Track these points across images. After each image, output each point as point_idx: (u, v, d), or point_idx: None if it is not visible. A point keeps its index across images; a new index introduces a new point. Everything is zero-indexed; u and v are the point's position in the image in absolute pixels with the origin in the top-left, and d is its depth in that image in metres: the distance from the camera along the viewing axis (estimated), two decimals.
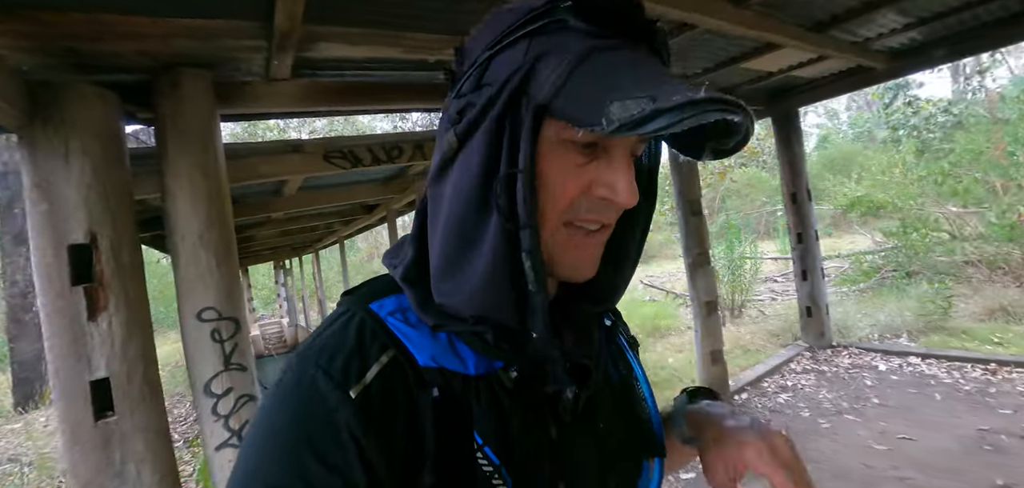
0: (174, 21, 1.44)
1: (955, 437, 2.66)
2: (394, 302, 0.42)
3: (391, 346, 0.39)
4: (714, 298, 3.39)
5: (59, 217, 1.39)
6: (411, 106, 2.31)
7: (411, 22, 1.72)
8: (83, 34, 1.39)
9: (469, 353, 0.41)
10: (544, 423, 0.41)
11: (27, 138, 1.38)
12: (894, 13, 2.73)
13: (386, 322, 0.40)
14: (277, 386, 0.38)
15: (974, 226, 4.81)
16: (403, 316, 0.41)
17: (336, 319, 0.41)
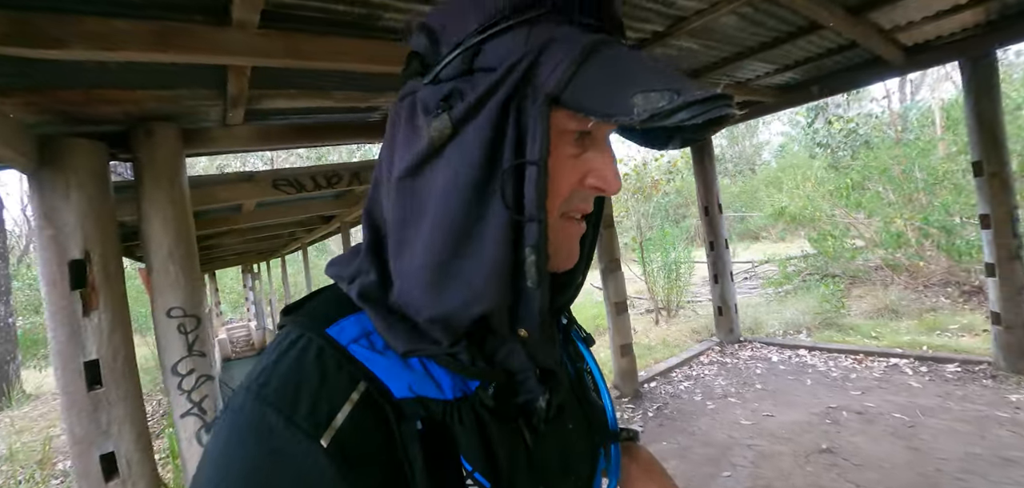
0: (148, 92, 1.97)
1: (807, 413, 3.35)
2: (355, 325, 0.39)
3: (361, 378, 0.35)
4: (623, 299, 4.03)
5: (61, 239, 1.91)
6: (347, 142, 2.86)
7: (336, 85, 2.29)
8: (78, 102, 1.91)
9: (443, 375, 0.39)
10: (520, 434, 0.41)
11: (36, 179, 1.90)
12: (758, 62, 3.43)
13: (350, 351, 0.37)
14: (225, 433, 0.33)
15: (874, 234, 5.63)
16: (368, 342, 0.38)
17: (289, 347, 0.37)
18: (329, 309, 0.40)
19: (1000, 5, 3.02)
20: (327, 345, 0.36)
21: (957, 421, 2.94)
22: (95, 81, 1.83)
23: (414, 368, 0.38)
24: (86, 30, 1.32)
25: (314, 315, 0.39)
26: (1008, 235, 3.36)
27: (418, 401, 0.37)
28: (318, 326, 0.38)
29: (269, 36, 1.55)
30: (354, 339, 0.38)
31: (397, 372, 0.37)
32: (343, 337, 0.38)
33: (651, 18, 2.28)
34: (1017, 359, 3.38)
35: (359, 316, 0.39)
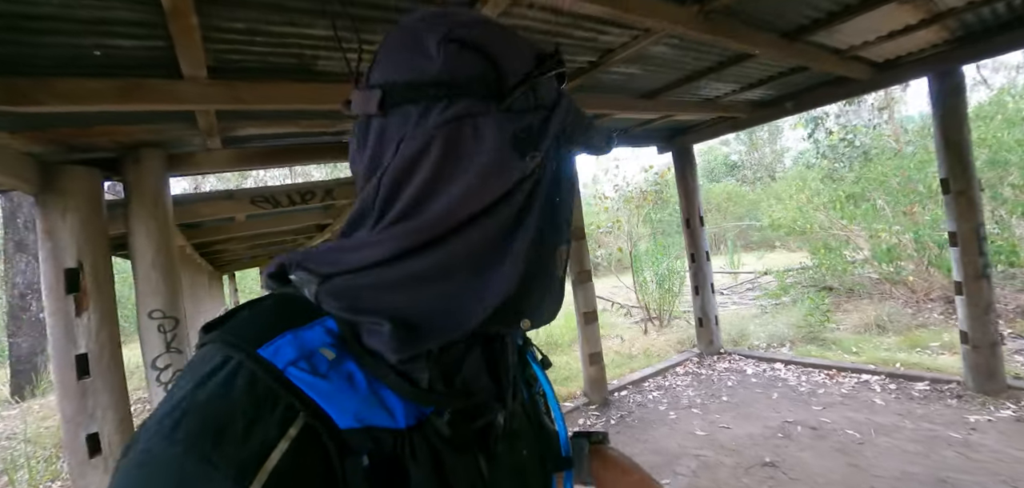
0: (136, 126, 2.33)
1: (762, 426, 3.46)
2: (292, 346, 0.34)
3: (300, 409, 0.31)
4: (592, 309, 4.22)
5: (59, 251, 2.28)
6: (322, 162, 3.19)
7: (297, 116, 2.60)
8: (76, 135, 2.29)
9: (396, 401, 0.36)
10: (476, 460, 0.40)
11: (40, 201, 2.28)
12: (717, 82, 3.57)
13: (287, 375, 0.32)
14: (131, 474, 0.28)
15: (868, 247, 5.58)
16: (309, 364, 0.33)
17: (211, 373, 0.31)
18: (261, 324, 0.35)
19: (958, 23, 3.08)
20: (260, 370, 0.32)
21: (908, 440, 3.01)
22: (90, 120, 2.19)
23: (363, 393, 0.35)
24: (59, 90, 1.66)
25: (241, 332, 0.34)
26: (974, 253, 3.38)
27: (366, 432, 0.33)
28: (247, 346, 0.33)
29: (215, 85, 1.87)
30: (292, 361, 0.33)
31: (343, 399, 0.33)
32: (279, 359, 0.33)
33: (583, 51, 2.49)
34: (984, 379, 3.39)
35: (297, 334, 0.35)
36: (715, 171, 18.05)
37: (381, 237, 0.37)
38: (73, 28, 1.53)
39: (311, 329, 0.36)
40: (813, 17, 2.57)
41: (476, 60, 0.38)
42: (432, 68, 0.37)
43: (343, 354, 0.36)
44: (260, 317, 0.37)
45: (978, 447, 2.82)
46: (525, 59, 0.40)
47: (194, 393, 0.31)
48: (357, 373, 0.35)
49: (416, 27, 0.40)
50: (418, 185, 0.37)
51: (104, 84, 1.75)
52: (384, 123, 0.39)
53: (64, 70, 1.68)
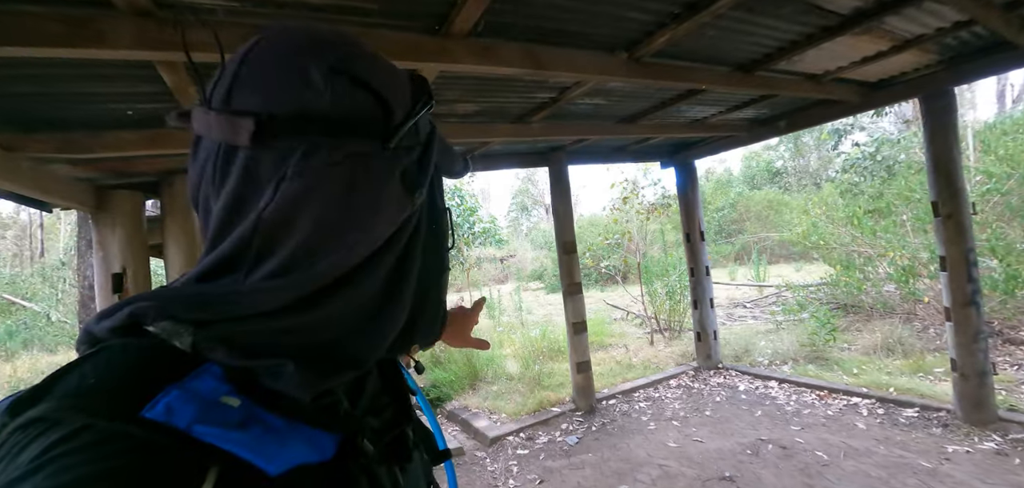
0: (169, 158, 2.90)
1: (735, 442, 3.61)
2: (184, 400, 0.30)
3: (213, 463, 0.28)
4: (581, 320, 4.48)
5: (108, 259, 2.89)
6: None
7: None
8: (123, 165, 2.89)
9: (317, 434, 0.35)
10: (394, 472, 0.43)
11: (95, 218, 2.90)
12: (697, 105, 3.75)
13: (194, 434, 0.29)
14: None
15: (886, 266, 5.44)
16: (216, 418, 0.30)
17: (62, 442, 0.25)
18: (127, 382, 0.29)
19: (938, 47, 3.12)
20: (152, 436, 0.27)
21: (874, 466, 3.08)
22: (136, 157, 2.78)
23: (281, 433, 0.33)
24: (105, 141, 2.21)
25: (96, 395, 0.28)
26: (963, 279, 3.37)
27: (300, 472, 0.32)
28: (119, 411, 0.27)
29: None
30: (196, 419, 0.29)
31: (265, 446, 0.31)
32: (177, 418, 0.28)
33: (540, 91, 2.81)
34: (971, 409, 3.37)
35: (185, 386, 0.30)
36: (757, 178, 17.43)
37: (269, 286, 0.34)
38: (113, 97, 2.06)
39: (198, 378, 0.31)
40: (764, 51, 2.74)
41: (365, 97, 0.37)
42: (320, 103, 0.35)
43: (246, 400, 0.33)
44: (118, 373, 0.30)
45: (944, 478, 2.87)
46: (405, 93, 0.40)
47: (47, 476, 0.24)
48: (268, 417, 0.33)
49: (294, 50, 0.37)
50: (307, 231, 0.34)
51: (138, 135, 2.29)
52: (254, 157, 0.34)
53: (108, 126, 2.23)
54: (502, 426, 4.20)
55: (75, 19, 1.41)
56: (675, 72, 2.60)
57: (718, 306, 8.82)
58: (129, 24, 1.46)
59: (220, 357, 0.33)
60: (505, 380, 5.30)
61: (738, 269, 11.41)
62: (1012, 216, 4.81)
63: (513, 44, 2.00)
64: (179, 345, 0.33)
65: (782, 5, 2.16)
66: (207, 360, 0.33)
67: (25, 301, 9.01)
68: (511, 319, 8.34)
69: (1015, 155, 4.78)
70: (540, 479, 3.36)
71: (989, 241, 4.52)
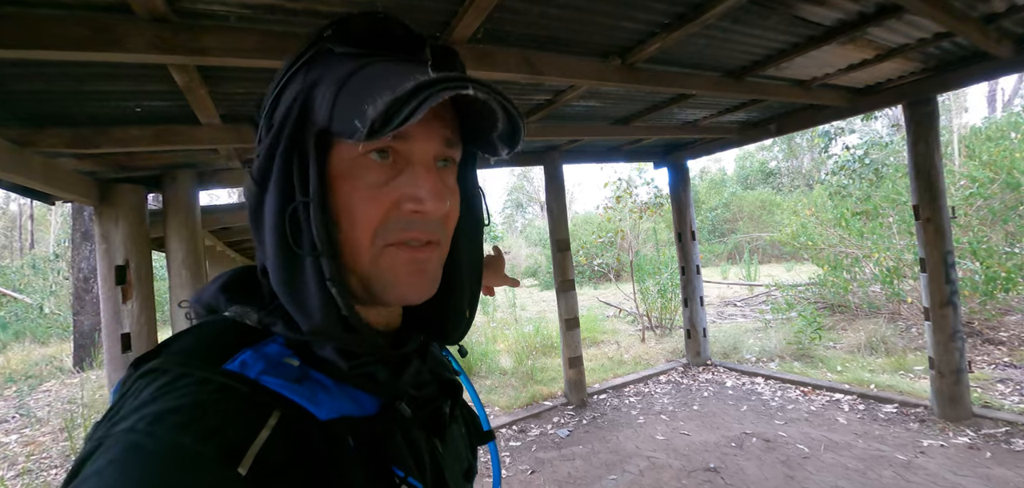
0: (172, 153, 2.98)
1: (721, 436, 3.75)
2: (257, 358, 0.38)
3: (276, 406, 0.35)
4: (574, 316, 4.61)
5: (111, 251, 2.97)
6: None
7: None
8: (127, 160, 2.96)
9: (361, 395, 0.42)
10: (431, 441, 0.46)
11: (98, 212, 2.98)
12: (688, 109, 3.87)
13: (261, 382, 0.36)
14: (107, 471, 0.28)
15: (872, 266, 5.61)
16: (280, 372, 0.38)
17: (170, 385, 0.34)
18: (215, 346, 0.38)
19: (922, 56, 3.25)
20: (230, 380, 0.35)
21: (852, 458, 3.24)
22: (139, 152, 2.86)
23: (331, 389, 0.40)
24: (114, 136, 2.29)
25: (193, 355, 0.37)
26: (941, 281, 3.52)
27: (344, 422, 0.38)
28: (206, 366, 0.35)
29: (226, 129, 2.46)
30: (263, 371, 0.37)
31: (318, 396, 0.38)
32: (249, 371, 0.37)
33: (536, 94, 2.92)
34: (947, 405, 3.53)
35: (258, 349, 0.39)
36: (751, 178, 17.68)
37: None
38: (121, 94, 2.14)
39: (268, 345, 0.40)
40: (753, 58, 2.86)
41: None
42: None
43: (303, 363, 0.40)
44: (209, 340, 0.39)
45: (918, 470, 3.02)
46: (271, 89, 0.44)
47: (156, 401, 0.32)
48: (321, 376, 0.40)
49: None
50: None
51: (144, 131, 2.37)
52: None
53: (115, 122, 2.31)
54: (495, 419, 4.32)
55: (98, 23, 1.49)
56: (667, 78, 2.72)
57: (709, 304, 9.02)
58: (147, 29, 1.55)
59: (279, 329, 0.41)
60: (499, 374, 5.42)
61: (730, 268, 11.60)
62: (994, 220, 4.99)
63: (510, 50, 2.10)
64: (249, 322, 0.42)
65: (767, 16, 2.28)
66: (273, 333, 0.41)
67: (16, 293, 9.02)
68: (505, 315, 8.46)
69: (998, 160, 4.94)
70: (531, 470, 3.48)
71: (970, 244, 4.69)
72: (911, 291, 5.24)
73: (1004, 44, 3.04)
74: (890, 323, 5.52)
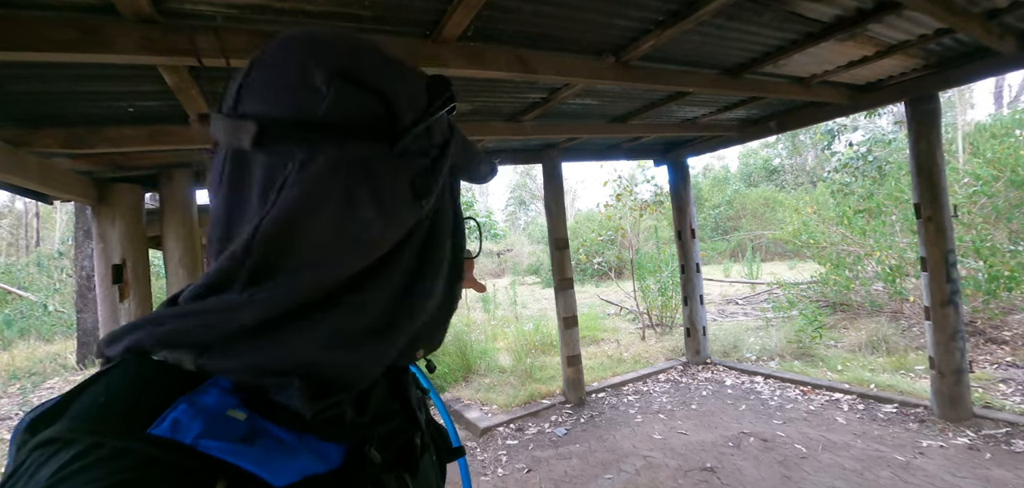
0: (169, 152, 2.99)
1: (718, 435, 3.74)
2: (191, 415, 0.31)
3: (219, 474, 0.29)
4: (572, 314, 4.60)
5: (108, 250, 2.98)
6: None
7: None
8: (123, 159, 2.97)
9: (324, 445, 0.36)
10: (403, 479, 0.42)
11: (95, 211, 2.99)
12: (687, 106, 3.84)
13: (200, 449, 0.29)
14: None
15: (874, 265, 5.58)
16: (222, 432, 0.31)
17: (74, 461, 0.27)
18: (135, 399, 0.31)
19: (923, 52, 3.21)
20: (156, 450, 0.28)
21: (850, 459, 3.21)
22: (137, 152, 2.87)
23: (289, 445, 0.34)
24: (107, 136, 2.30)
25: (106, 414, 0.30)
26: (942, 280, 3.48)
27: (306, 484, 0.33)
28: (126, 431, 0.29)
29: None
30: (201, 434, 0.30)
31: (273, 458, 0.32)
32: (183, 433, 0.30)
33: (531, 92, 2.91)
34: (947, 406, 3.50)
35: (193, 400, 0.32)
36: (754, 175, 17.57)
37: (268, 299, 0.33)
38: (114, 94, 2.14)
39: (206, 392, 0.33)
40: (750, 55, 2.84)
41: (369, 99, 0.36)
42: (320, 106, 0.35)
43: (253, 414, 0.33)
44: (129, 392, 0.31)
45: (916, 471, 3.00)
46: (417, 95, 0.40)
47: None
48: (275, 429, 0.34)
49: (298, 54, 0.37)
50: (307, 239, 0.34)
51: (137, 130, 2.37)
52: (254, 162, 0.35)
53: (109, 122, 2.32)
54: (493, 417, 4.33)
55: (86, 25, 1.49)
56: (663, 75, 2.70)
57: (711, 303, 8.98)
58: (134, 30, 1.55)
59: (227, 372, 0.34)
60: (498, 373, 5.42)
61: (733, 266, 11.55)
62: (998, 218, 4.93)
63: (502, 48, 2.09)
64: (185, 367, 0.34)
65: (762, 12, 2.25)
66: (213, 375, 0.34)
67: (21, 291, 9.10)
68: (506, 313, 8.46)
69: (1002, 158, 4.89)
70: (528, 468, 3.48)
71: (974, 242, 4.64)
72: (913, 290, 5.19)
73: (1007, 40, 3.00)
74: (892, 322, 5.48)
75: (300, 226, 0.34)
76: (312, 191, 0.34)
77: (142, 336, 0.34)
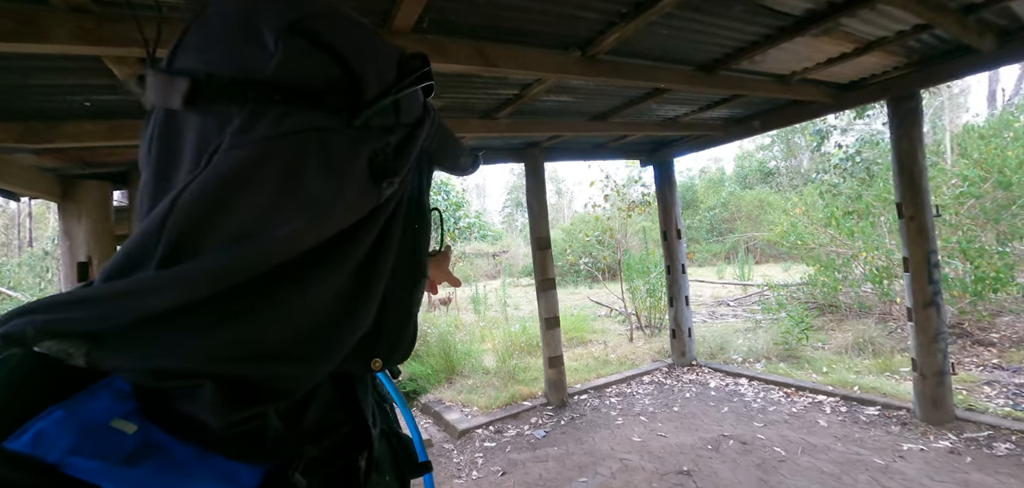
0: (133, 149, 2.94)
1: (698, 438, 3.68)
2: (65, 425, 0.25)
3: None
4: (554, 315, 4.54)
5: (74, 248, 2.93)
6: None
7: None
8: (90, 155, 2.93)
9: (234, 465, 0.31)
10: None
11: (61, 207, 2.95)
12: (667, 105, 3.80)
13: (66, 471, 0.24)
14: None
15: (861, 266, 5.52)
16: (101, 448, 0.26)
17: None
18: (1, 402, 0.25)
19: (904, 50, 3.17)
20: (7, 470, 0.23)
21: (829, 462, 3.16)
22: (103, 146, 2.82)
23: (187, 467, 0.29)
24: (66, 131, 2.25)
25: None
26: (924, 280, 3.43)
27: None
28: None
29: None
30: (72, 449, 0.25)
31: (162, 482, 0.27)
32: (48, 449, 0.24)
33: (501, 88, 2.86)
34: (929, 408, 3.44)
35: (72, 407, 0.26)
36: (749, 177, 17.53)
37: (182, 276, 0.27)
38: (68, 88, 2.10)
39: (94, 397, 0.27)
40: (724, 51, 2.79)
41: (326, 62, 0.32)
42: (267, 64, 0.30)
43: (149, 424, 0.28)
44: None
45: (895, 475, 2.94)
46: (386, 66, 0.35)
47: None
48: (174, 445, 0.29)
49: (245, 5, 0.33)
50: (238, 215, 0.29)
51: (97, 125, 2.33)
52: (188, 122, 0.31)
53: (67, 116, 2.28)
54: (473, 419, 4.27)
55: (22, 15, 1.45)
56: (634, 71, 2.65)
57: (703, 304, 8.93)
58: (68, 20, 1.51)
59: (122, 371, 0.28)
60: (482, 374, 5.37)
61: (727, 267, 11.49)
62: (986, 219, 4.88)
63: (462, 42, 2.04)
64: (73, 363, 0.27)
65: (730, 5, 2.21)
66: (109, 372, 0.28)
67: (10, 291, 9.07)
68: (497, 314, 8.41)
69: (990, 159, 4.83)
70: (503, 471, 3.42)
71: (960, 243, 4.59)
72: (902, 291, 5.14)
73: (987, 37, 2.95)
74: (880, 323, 5.43)
75: (229, 200, 0.29)
76: (249, 160, 0.29)
77: (24, 322, 0.27)
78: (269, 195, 0.30)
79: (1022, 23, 2.93)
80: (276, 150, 0.30)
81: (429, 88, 0.39)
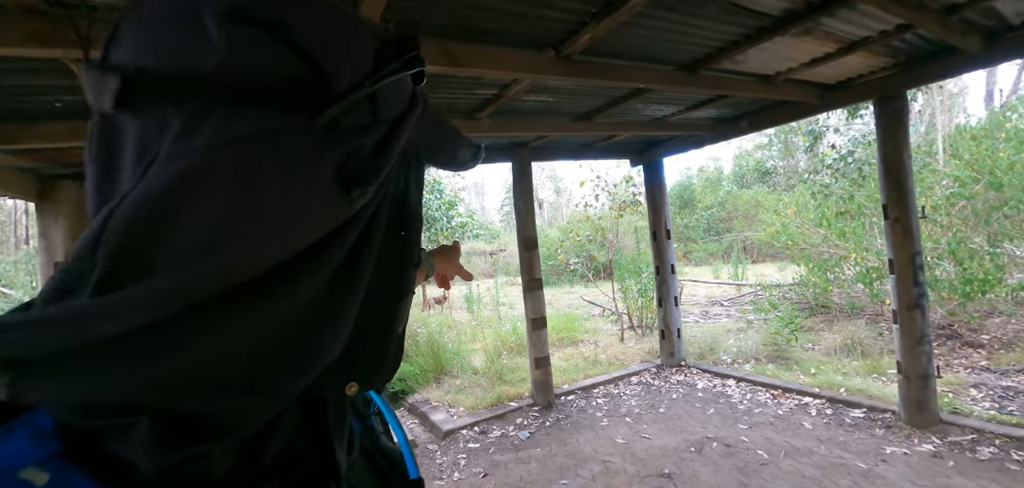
0: None
1: (682, 440, 3.66)
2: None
3: None
4: (541, 316, 4.52)
5: (52, 248, 2.93)
6: None
7: None
8: (65, 155, 2.92)
9: None
10: None
11: (39, 207, 2.94)
12: (653, 104, 3.77)
13: None
14: None
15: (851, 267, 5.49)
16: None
17: None
18: None
19: (889, 50, 3.13)
20: None
21: (811, 465, 3.14)
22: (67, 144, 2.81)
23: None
24: (39, 132, 2.24)
25: None
26: (909, 282, 3.40)
27: None
28: None
29: None
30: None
31: None
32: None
33: (478, 88, 2.84)
34: (914, 411, 3.42)
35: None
36: (747, 177, 17.48)
37: (121, 301, 0.24)
38: (40, 89, 2.09)
39: (13, 435, 0.23)
40: (704, 51, 2.76)
41: (281, 53, 0.28)
42: (210, 57, 0.26)
43: (69, 469, 0.24)
44: None
45: (876, 479, 2.92)
46: (361, 55, 0.31)
47: None
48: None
49: None
50: (176, 231, 0.25)
51: (71, 126, 2.32)
52: (126, 128, 0.28)
53: (39, 117, 2.26)
54: (458, 420, 4.26)
55: None
56: (612, 71, 2.62)
57: (697, 304, 8.89)
58: (22, 23, 1.49)
59: (46, 405, 0.24)
60: (470, 374, 5.35)
61: (723, 267, 11.46)
62: (977, 221, 4.84)
63: (428, 41, 2.02)
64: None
65: (704, 4, 2.18)
66: (34, 406, 0.24)
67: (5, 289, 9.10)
68: (490, 314, 8.40)
69: (981, 160, 4.79)
70: (484, 473, 3.41)
71: (949, 244, 4.55)
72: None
73: (971, 38, 2.92)
74: (871, 324, 5.40)
75: (171, 219, 0.25)
76: (192, 171, 0.25)
77: None
78: (218, 209, 0.26)
79: (1008, 23, 2.90)
80: (223, 159, 0.26)
81: (419, 75, 0.34)
